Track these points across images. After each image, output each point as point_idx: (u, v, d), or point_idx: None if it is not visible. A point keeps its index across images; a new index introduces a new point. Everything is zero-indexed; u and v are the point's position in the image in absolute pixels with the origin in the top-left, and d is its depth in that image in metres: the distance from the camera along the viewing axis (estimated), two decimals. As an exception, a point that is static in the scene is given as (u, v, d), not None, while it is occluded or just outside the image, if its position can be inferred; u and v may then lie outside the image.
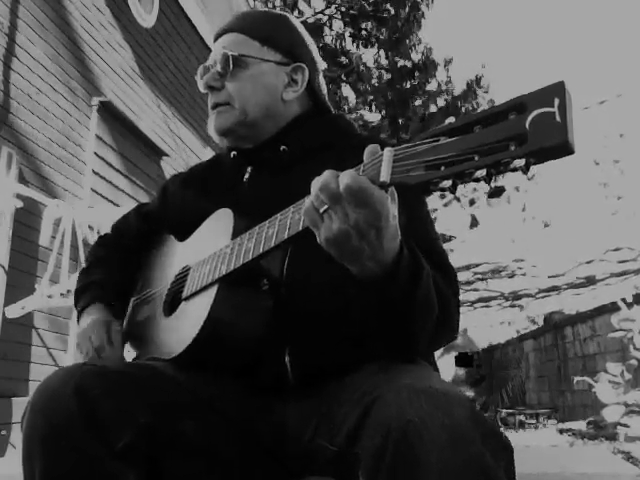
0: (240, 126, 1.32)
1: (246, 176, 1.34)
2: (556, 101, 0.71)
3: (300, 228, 0.97)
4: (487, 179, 0.77)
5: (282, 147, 1.30)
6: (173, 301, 1.31)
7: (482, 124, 0.77)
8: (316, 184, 0.90)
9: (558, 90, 0.72)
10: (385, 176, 0.85)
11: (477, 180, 0.77)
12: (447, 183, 0.79)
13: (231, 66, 1.31)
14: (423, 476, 0.80)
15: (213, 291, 1.14)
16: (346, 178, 0.87)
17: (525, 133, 0.72)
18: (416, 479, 0.80)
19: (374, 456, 0.85)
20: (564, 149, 0.71)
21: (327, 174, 0.90)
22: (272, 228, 1.04)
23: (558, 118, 0.71)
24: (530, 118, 0.73)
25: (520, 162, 0.73)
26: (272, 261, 1.16)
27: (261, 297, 1.16)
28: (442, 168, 0.79)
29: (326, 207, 0.90)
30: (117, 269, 1.49)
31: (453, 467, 0.80)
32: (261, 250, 1.05)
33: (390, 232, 0.91)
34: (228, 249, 1.14)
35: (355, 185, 0.86)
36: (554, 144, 0.70)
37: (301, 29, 1.42)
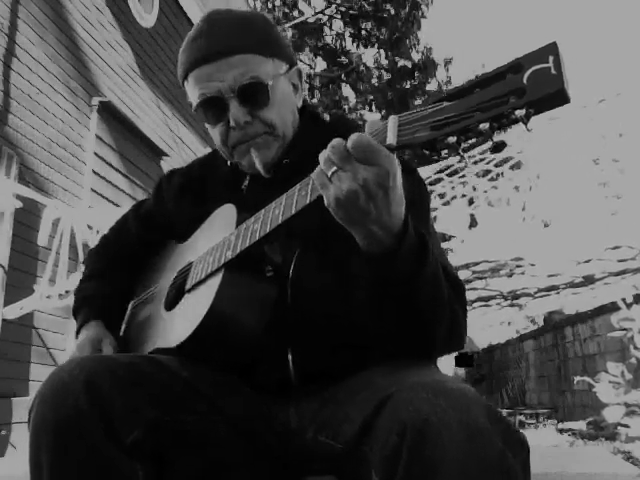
0: (281, 149, 1.27)
1: (245, 183, 1.32)
2: (551, 58, 0.76)
3: (307, 202, 0.98)
4: (490, 132, 0.80)
5: (285, 161, 1.27)
6: (175, 296, 1.30)
7: (481, 86, 0.82)
8: (326, 149, 0.91)
9: (552, 49, 0.77)
10: (392, 138, 0.87)
11: (480, 134, 0.81)
12: (452, 139, 0.83)
13: (269, 94, 1.21)
14: (442, 475, 0.79)
15: (218, 277, 1.14)
16: (354, 136, 0.88)
17: (523, 87, 0.77)
18: (435, 478, 0.80)
19: (390, 455, 0.84)
20: (561, 97, 0.76)
21: (336, 139, 0.91)
22: (278, 209, 1.05)
23: (554, 71, 0.75)
24: (527, 74, 0.77)
25: (521, 112, 0.77)
26: (275, 249, 1.16)
27: (265, 284, 1.16)
28: (446, 127, 0.82)
29: (335, 169, 0.90)
30: (117, 279, 1.50)
31: (473, 465, 0.80)
32: (268, 229, 1.05)
33: (397, 194, 0.92)
34: (233, 236, 1.15)
35: (364, 141, 0.87)
36: (551, 92, 0.75)
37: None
